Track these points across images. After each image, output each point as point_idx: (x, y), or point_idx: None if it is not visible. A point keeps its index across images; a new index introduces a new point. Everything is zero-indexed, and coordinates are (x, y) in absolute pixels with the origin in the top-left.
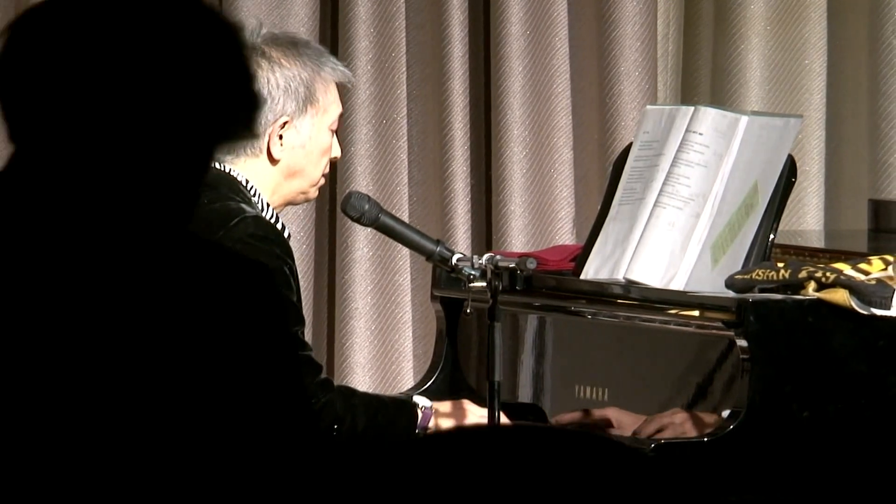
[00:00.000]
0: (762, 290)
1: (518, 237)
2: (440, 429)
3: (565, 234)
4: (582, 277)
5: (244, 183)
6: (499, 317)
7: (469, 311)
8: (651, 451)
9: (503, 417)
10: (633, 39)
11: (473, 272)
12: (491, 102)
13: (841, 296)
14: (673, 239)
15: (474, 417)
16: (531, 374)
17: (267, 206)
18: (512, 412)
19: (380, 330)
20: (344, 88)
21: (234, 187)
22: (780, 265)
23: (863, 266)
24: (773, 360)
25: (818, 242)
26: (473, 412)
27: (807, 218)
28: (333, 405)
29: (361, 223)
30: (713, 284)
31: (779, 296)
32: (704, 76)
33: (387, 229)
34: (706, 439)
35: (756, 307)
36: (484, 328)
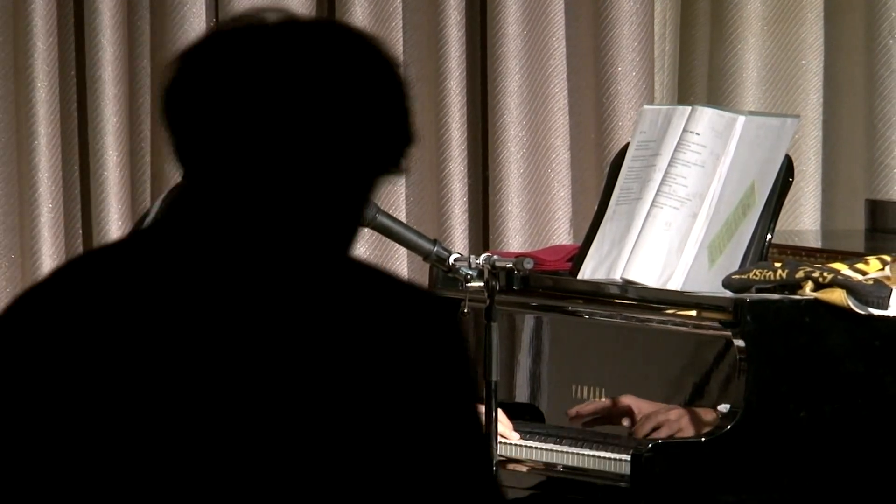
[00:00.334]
0: (759, 290)
1: (515, 237)
2: None
3: (562, 234)
4: (579, 277)
5: None
6: (496, 317)
7: (466, 311)
8: (648, 451)
9: (501, 417)
10: (630, 40)
11: (470, 272)
12: (488, 103)
13: (838, 296)
14: (670, 239)
15: None
16: (528, 374)
17: None
18: (509, 412)
19: None
20: None
21: None
22: (778, 265)
23: (860, 266)
24: (771, 360)
25: (815, 242)
26: None
27: (804, 218)
28: None
29: None
30: (710, 284)
31: (776, 296)
32: (701, 76)
33: (384, 229)
34: (703, 439)
35: (753, 307)
36: (481, 328)
